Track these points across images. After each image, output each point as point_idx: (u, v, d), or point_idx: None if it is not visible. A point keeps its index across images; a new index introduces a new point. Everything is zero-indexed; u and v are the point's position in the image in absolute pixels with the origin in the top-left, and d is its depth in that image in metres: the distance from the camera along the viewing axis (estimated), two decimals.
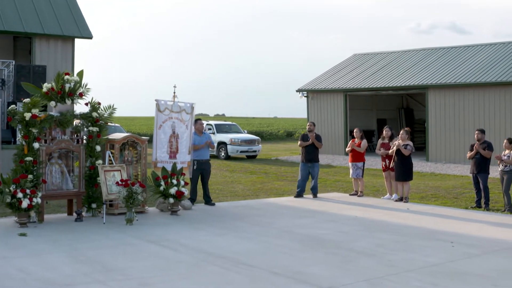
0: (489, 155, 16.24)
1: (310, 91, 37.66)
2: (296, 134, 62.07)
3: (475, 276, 9.09)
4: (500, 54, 33.29)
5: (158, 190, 14.56)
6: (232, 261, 9.88)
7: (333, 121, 36.42)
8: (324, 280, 8.75)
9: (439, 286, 8.55)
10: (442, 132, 31.51)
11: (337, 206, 16.38)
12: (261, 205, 16.41)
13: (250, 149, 34.65)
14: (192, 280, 8.79)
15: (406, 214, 15.08)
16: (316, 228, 12.96)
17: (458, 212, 15.52)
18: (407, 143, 16.98)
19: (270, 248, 10.96)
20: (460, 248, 11.02)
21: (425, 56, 36.87)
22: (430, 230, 12.84)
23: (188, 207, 15.29)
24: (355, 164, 18.15)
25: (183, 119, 15.61)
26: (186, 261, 9.93)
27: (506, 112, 28.97)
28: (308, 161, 17.94)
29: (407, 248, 11.06)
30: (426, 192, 19.72)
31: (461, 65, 33.22)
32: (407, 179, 17.07)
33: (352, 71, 38.37)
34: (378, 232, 12.59)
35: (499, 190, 17.69)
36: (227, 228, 12.93)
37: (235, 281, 8.75)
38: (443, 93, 31.65)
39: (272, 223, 13.54)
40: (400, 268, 9.54)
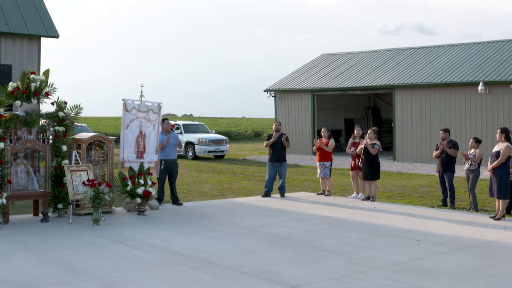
0: (454, 154, 16.41)
1: (277, 91, 37.71)
2: (264, 134, 62.14)
3: (441, 273, 9.17)
4: (466, 54, 33.62)
5: (125, 190, 14.51)
6: (200, 260, 9.86)
7: (301, 121, 36.51)
8: (292, 279, 8.77)
9: (405, 283, 8.61)
10: (408, 132, 31.75)
11: (304, 205, 16.42)
12: (229, 205, 16.41)
13: (218, 149, 34.62)
14: (160, 280, 8.75)
15: (373, 212, 15.17)
16: (283, 227, 12.99)
17: (424, 211, 15.64)
18: (375, 142, 17.10)
19: (238, 248, 10.95)
20: (426, 246, 11.11)
21: (392, 57, 37.11)
22: (396, 229, 12.93)
23: (156, 207, 15.24)
24: (322, 163, 18.22)
25: (150, 118, 15.54)
26: (153, 261, 9.88)
27: (472, 111, 29.27)
28: (275, 160, 17.97)
29: (374, 246, 11.12)
30: (393, 191, 19.85)
31: (427, 66, 33.50)
32: (374, 178, 17.19)
33: (320, 71, 38.48)
34: (345, 230, 12.65)
35: (464, 189, 17.87)
36: (195, 227, 12.90)
37: (203, 280, 8.73)
38: (410, 93, 31.88)
39: (240, 223, 13.55)
40: (367, 266, 9.59)
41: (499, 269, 9.52)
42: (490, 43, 34.65)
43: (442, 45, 36.76)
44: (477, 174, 15.82)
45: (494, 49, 33.31)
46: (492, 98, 28.70)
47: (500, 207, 14.11)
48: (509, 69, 29.46)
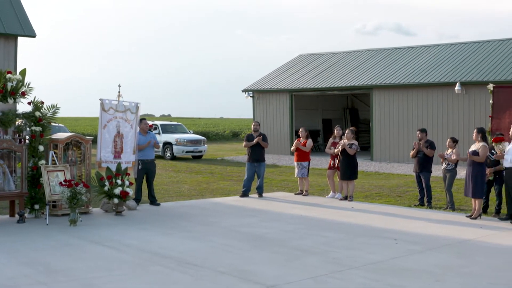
0: (431, 154, 16.50)
1: (256, 91, 37.72)
2: (242, 134, 62.11)
3: (418, 272, 9.21)
4: (443, 55, 33.82)
5: (103, 190, 14.43)
6: (177, 260, 9.83)
7: (279, 121, 36.54)
8: (269, 278, 8.77)
9: (382, 282, 8.65)
10: (386, 132, 31.89)
11: (282, 205, 16.43)
12: (207, 205, 16.38)
13: (196, 149, 34.57)
14: (137, 280, 8.71)
15: (350, 212, 15.22)
16: (261, 227, 12.99)
17: (401, 210, 15.71)
18: (352, 142, 17.15)
19: (216, 248, 10.94)
20: (403, 245, 11.15)
21: (370, 57, 37.25)
22: (374, 228, 12.98)
23: (133, 208, 15.18)
24: (300, 163, 18.25)
25: (128, 118, 15.48)
26: (131, 261, 9.84)
27: (449, 111, 29.46)
28: (254, 160, 17.98)
29: (352, 245, 11.15)
30: (370, 191, 19.92)
31: (405, 66, 33.66)
32: (352, 178, 17.24)
33: (298, 71, 38.54)
34: (323, 230, 12.67)
35: (441, 188, 17.96)
36: (172, 228, 12.86)
37: (180, 280, 8.71)
38: (388, 94, 32.02)
39: (218, 223, 13.53)
40: (345, 265, 9.61)
41: (476, 267, 9.58)
42: (467, 44, 34.90)
43: (420, 46, 36.96)
44: (454, 173, 15.92)
45: (471, 50, 33.55)
46: (469, 99, 28.89)
47: (477, 207, 14.20)
48: (485, 70, 29.69)
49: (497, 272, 9.26)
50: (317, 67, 38.36)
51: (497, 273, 9.23)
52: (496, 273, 9.23)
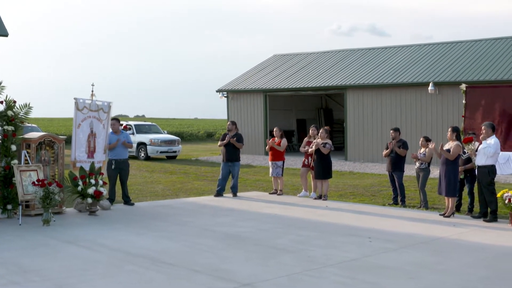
0: (403, 154, 16.59)
1: (230, 92, 37.71)
2: (216, 134, 62.09)
3: (392, 270, 9.26)
4: (417, 55, 34.06)
5: (76, 190, 14.33)
6: (152, 260, 9.79)
7: (253, 121, 36.56)
8: (244, 277, 8.76)
9: (357, 279, 8.67)
10: (360, 132, 32.03)
11: (257, 204, 16.44)
12: (181, 205, 16.35)
13: (170, 149, 34.50)
14: (111, 280, 8.66)
15: (325, 211, 15.26)
16: (236, 226, 12.98)
17: (375, 209, 15.78)
18: (326, 141, 17.19)
19: (190, 247, 10.91)
20: (377, 243, 11.20)
21: (344, 57, 37.40)
22: (348, 227, 13.02)
23: (107, 207, 15.10)
24: (274, 163, 18.27)
25: (100, 118, 15.41)
26: (105, 261, 9.79)
27: (422, 111, 29.67)
28: (228, 160, 17.97)
29: (326, 244, 11.17)
30: (344, 190, 19.99)
31: (379, 66, 33.84)
32: (326, 177, 17.28)
33: (272, 71, 38.59)
34: (298, 229, 12.69)
35: (415, 187, 18.07)
36: (147, 227, 12.82)
37: (155, 280, 8.67)
38: (361, 94, 32.17)
39: (192, 222, 13.50)
40: (320, 263, 9.63)
41: (449, 264, 9.64)
42: (440, 45, 35.18)
43: (394, 46, 37.18)
44: (427, 172, 16.03)
45: (444, 50, 33.82)
46: (442, 98, 29.12)
47: (450, 205, 14.31)
48: (458, 70, 29.94)
49: (469, 269, 9.34)
50: (291, 67, 38.44)
51: (469, 270, 9.31)
52: (469, 270, 9.31)
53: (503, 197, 13.16)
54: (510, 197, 12.98)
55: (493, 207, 13.76)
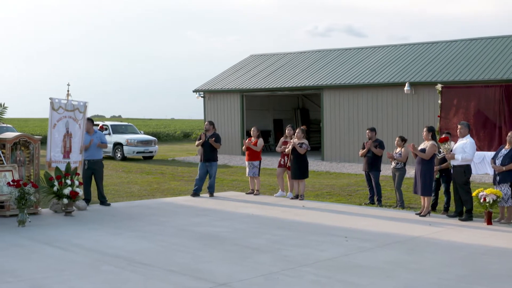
0: (380, 153, 16.64)
1: (207, 92, 37.65)
2: (193, 135, 61.99)
3: (369, 269, 9.28)
4: (393, 56, 34.21)
5: (52, 190, 14.24)
6: (128, 260, 9.75)
7: (230, 121, 36.53)
8: (221, 276, 8.75)
9: (333, 279, 8.69)
10: (336, 132, 32.11)
11: (233, 204, 16.43)
12: (158, 205, 16.30)
13: (147, 149, 34.35)
14: (87, 280, 8.61)
15: (301, 211, 15.27)
16: (212, 226, 12.96)
17: (352, 209, 15.83)
18: (303, 141, 17.19)
19: (167, 247, 10.88)
20: (354, 243, 11.23)
21: (321, 57, 37.48)
22: (325, 226, 13.05)
23: (83, 208, 15.01)
24: (251, 162, 18.26)
25: (76, 118, 15.31)
26: (81, 261, 9.73)
27: (398, 111, 29.81)
28: (206, 160, 17.94)
29: (303, 243, 11.18)
30: (321, 190, 20.03)
31: (355, 66, 33.95)
32: (303, 177, 17.29)
33: (249, 71, 38.59)
34: (274, 229, 12.69)
35: (391, 187, 18.14)
36: (123, 227, 12.76)
37: (131, 280, 8.63)
38: (338, 94, 32.25)
39: (169, 222, 13.47)
40: (296, 263, 9.63)
41: (425, 263, 9.69)
42: (416, 45, 35.37)
43: (370, 47, 37.33)
44: (403, 172, 16.10)
45: (420, 50, 34.00)
46: (418, 98, 29.27)
47: (425, 204, 14.38)
48: (434, 70, 30.12)
49: (445, 268, 9.38)
50: (268, 67, 38.45)
51: (445, 268, 9.35)
52: (445, 268, 9.35)
53: (478, 196, 13.25)
54: (485, 196, 13.07)
55: (468, 206, 13.86)
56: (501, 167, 13.37)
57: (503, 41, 32.09)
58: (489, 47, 31.71)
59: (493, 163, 13.72)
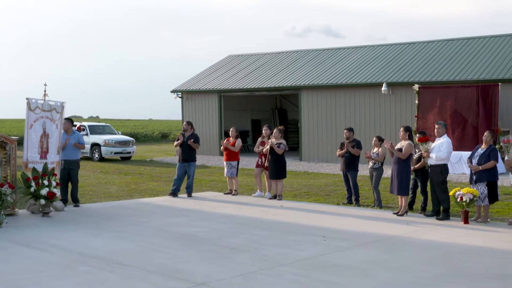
0: (357, 153, 16.70)
1: (184, 92, 37.59)
2: (171, 135, 61.86)
3: (347, 268, 9.32)
4: (370, 56, 34.35)
5: (29, 191, 14.15)
6: (106, 260, 9.72)
7: (208, 121, 36.50)
8: (199, 276, 8.75)
9: (311, 278, 8.72)
10: (314, 132, 32.18)
11: (212, 204, 16.42)
12: (136, 205, 16.25)
13: (125, 150, 34.23)
14: (65, 281, 8.57)
15: (279, 210, 15.30)
16: (191, 226, 12.95)
17: (330, 208, 15.88)
18: (280, 141, 17.22)
19: (145, 247, 10.85)
20: (332, 242, 11.27)
21: (299, 58, 37.54)
22: (303, 226, 13.08)
23: (61, 209, 14.94)
24: (229, 163, 18.26)
25: (53, 118, 15.23)
26: (58, 262, 9.69)
27: (376, 111, 29.93)
28: (184, 160, 17.93)
29: (281, 243, 11.21)
30: (299, 190, 20.06)
31: (333, 67, 34.04)
32: (281, 177, 17.32)
33: (227, 72, 38.58)
34: (253, 228, 12.71)
35: (369, 187, 18.21)
36: (101, 228, 12.72)
37: (109, 280, 8.61)
38: (316, 94, 32.32)
39: (147, 222, 13.43)
40: (274, 262, 9.65)
41: (402, 262, 9.75)
42: (393, 45, 35.52)
43: (348, 47, 37.44)
44: (380, 172, 16.18)
45: (397, 51, 34.16)
46: (395, 99, 29.41)
47: (403, 204, 14.46)
48: (411, 71, 30.28)
49: (422, 266, 9.44)
50: (246, 67, 38.47)
51: (422, 267, 9.41)
52: (422, 267, 9.41)
53: (455, 196, 13.35)
54: (462, 195, 13.17)
55: (445, 206, 13.95)
56: (477, 167, 13.48)
57: (479, 41, 32.33)
58: (465, 47, 31.93)
59: (470, 163, 13.83)
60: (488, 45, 31.35)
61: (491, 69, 27.98)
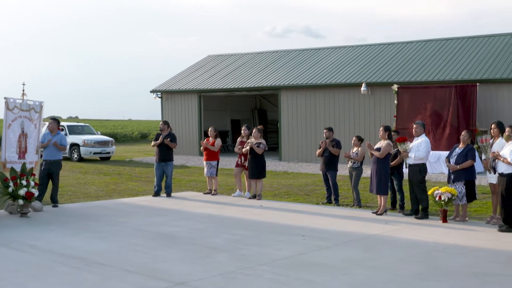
0: (337, 153, 16.74)
1: (164, 92, 37.50)
2: (150, 135, 61.73)
3: (326, 267, 9.34)
4: (350, 56, 34.44)
5: (7, 191, 14.06)
6: (85, 261, 9.68)
7: (188, 122, 36.44)
8: (178, 276, 8.73)
9: (291, 277, 8.73)
10: (294, 132, 32.22)
11: (191, 204, 16.40)
12: (115, 205, 16.20)
13: (104, 150, 34.10)
14: (43, 281, 8.53)
15: (259, 210, 15.30)
16: (170, 226, 12.92)
17: (309, 208, 15.90)
18: (260, 141, 17.22)
19: (124, 247, 10.82)
20: (311, 241, 11.29)
21: (278, 58, 37.56)
22: (282, 225, 13.09)
23: (39, 209, 14.85)
24: (209, 162, 18.25)
25: (32, 117, 15.15)
26: (37, 262, 9.64)
27: (355, 111, 30.01)
28: (161, 160, 17.91)
29: (260, 243, 11.21)
30: (279, 190, 20.08)
31: (312, 67, 34.09)
32: (260, 177, 17.33)
33: (207, 72, 38.52)
34: (232, 228, 12.71)
35: (348, 186, 18.26)
36: (79, 228, 12.66)
37: (88, 280, 8.57)
38: (295, 94, 32.35)
39: (126, 223, 13.39)
40: (254, 262, 9.65)
41: (381, 261, 9.79)
42: (372, 46, 35.65)
43: (327, 47, 37.53)
44: (359, 171, 16.22)
45: (376, 51, 34.29)
46: (374, 99, 29.52)
47: (382, 203, 14.51)
48: (390, 71, 30.41)
49: (401, 265, 9.49)
50: (225, 67, 38.44)
51: (401, 265, 9.46)
52: (401, 265, 9.46)
53: (433, 195, 13.41)
54: (441, 194, 13.24)
55: (424, 205, 14.02)
56: (455, 166, 13.57)
57: (457, 42, 32.52)
58: (444, 48, 32.11)
59: (448, 162, 13.92)
60: (466, 46, 31.55)
61: (469, 70, 28.16)
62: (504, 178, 12.22)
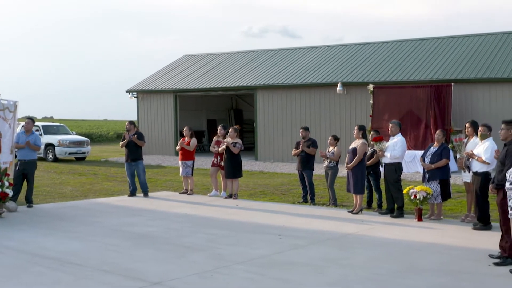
0: (313, 152, 16.77)
1: (140, 92, 37.36)
2: None
3: (302, 265, 9.35)
4: (326, 56, 34.51)
5: None
6: (59, 261, 9.61)
7: (163, 121, 36.34)
8: (154, 276, 8.70)
9: (267, 276, 8.73)
10: (270, 132, 32.24)
11: (167, 204, 16.35)
12: (90, 205, 16.10)
13: (79, 150, 33.90)
14: (17, 281, 8.46)
15: (235, 210, 15.29)
16: (146, 226, 12.88)
17: (285, 207, 15.91)
18: (236, 141, 17.21)
19: (99, 247, 10.76)
20: (287, 240, 11.30)
21: (254, 58, 37.56)
22: (258, 225, 13.09)
23: (13, 209, 14.71)
24: (184, 162, 18.21)
25: (6, 117, 15.01)
26: (10, 263, 9.56)
27: (331, 111, 30.09)
28: (131, 160, 17.88)
29: (236, 242, 11.21)
30: (255, 189, 20.08)
31: (289, 67, 34.13)
32: (236, 176, 17.31)
33: (183, 71, 38.43)
34: (208, 228, 12.69)
35: (324, 185, 18.28)
36: (54, 228, 12.57)
37: (63, 280, 8.51)
38: (271, 94, 32.37)
39: (101, 222, 13.32)
40: (230, 261, 9.64)
41: (356, 259, 9.82)
42: (349, 46, 35.75)
43: (304, 47, 37.58)
44: (335, 171, 16.26)
45: (352, 51, 34.39)
46: (350, 98, 29.61)
47: (358, 202, 14.56)
48: (366, 71, 30.52)
49: (377, 263, 9.52)
50: (201, 67, 38.37)
51: (377, 264, 9.49)
52: (377, 264, 9.49)
53: (409, 194, 13.48)
54: (416, 193, 13.30)
55: (399, 203, 14.09)
56: (430, 165, 13.64)
57: (433, 42, 32.72)
58: (419, 48, 32.29)
59: (423, 161, 13.99)
60: (441, 46, 31.74)
61: (444, 70, 28.35)
62: (478, 177, 12.30)
